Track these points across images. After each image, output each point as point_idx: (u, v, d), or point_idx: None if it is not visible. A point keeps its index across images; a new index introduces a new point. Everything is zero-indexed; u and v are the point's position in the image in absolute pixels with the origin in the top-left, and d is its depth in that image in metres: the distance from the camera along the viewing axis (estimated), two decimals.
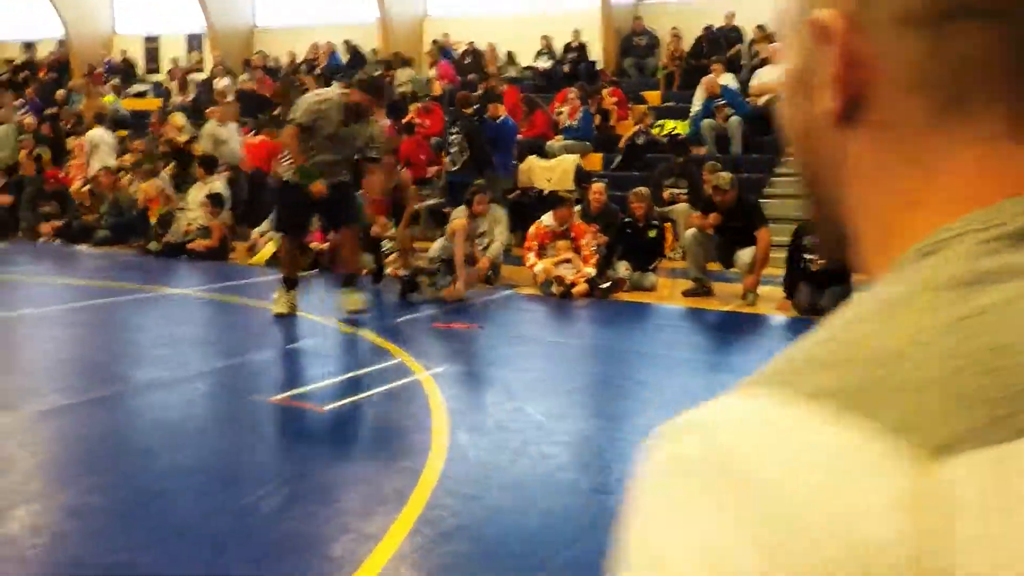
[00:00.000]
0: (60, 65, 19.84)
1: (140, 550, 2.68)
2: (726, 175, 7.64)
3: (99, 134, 12.82)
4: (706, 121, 11.34)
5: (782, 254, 7.67)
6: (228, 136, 12.03)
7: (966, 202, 0.39)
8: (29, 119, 14.85)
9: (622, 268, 7.96)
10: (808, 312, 6.69)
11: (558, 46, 15.04)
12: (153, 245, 10.12)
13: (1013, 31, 0.38)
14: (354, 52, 16.90)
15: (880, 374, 0.33)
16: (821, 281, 6.75)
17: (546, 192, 10.05)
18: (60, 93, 16.98)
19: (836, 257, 0.49)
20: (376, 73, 15.16)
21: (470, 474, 3.41)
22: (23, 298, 7.48)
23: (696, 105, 11.92)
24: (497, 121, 9.95)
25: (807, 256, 6.79)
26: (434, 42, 15.77)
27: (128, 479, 3.29)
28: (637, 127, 11.72)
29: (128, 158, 12.48)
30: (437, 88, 14.02)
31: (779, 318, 6.80)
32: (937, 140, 0.40)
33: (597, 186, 9.15)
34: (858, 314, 0.37)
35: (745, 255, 7.39)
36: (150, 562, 2.60)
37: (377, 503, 3.07)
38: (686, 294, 7.60)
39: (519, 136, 12.14)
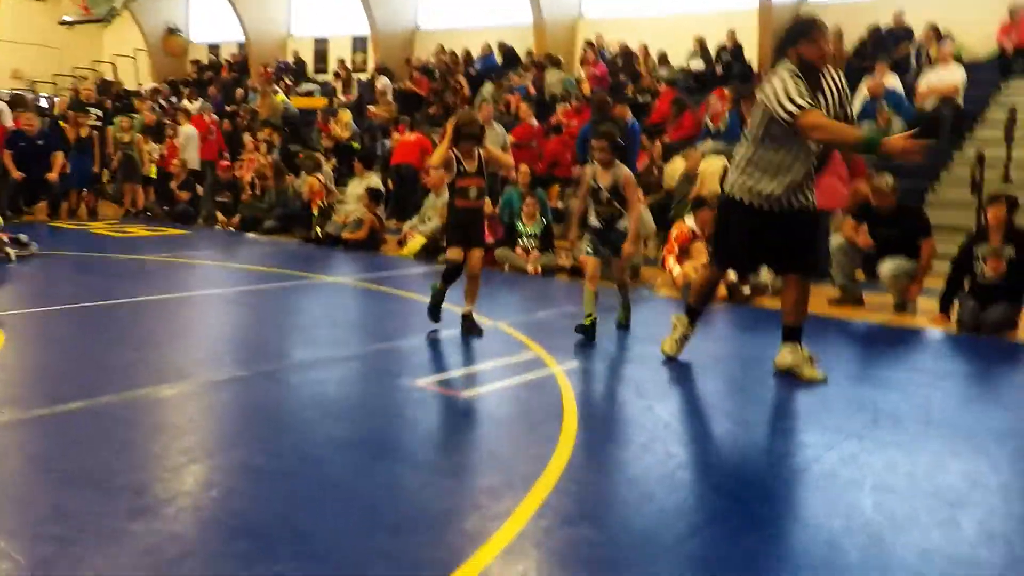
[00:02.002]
0: (240, 65, 21.44)
1: (298, 508, 3.00)
2: (888, 178, 7.38)
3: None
4: (865, 124, 10.89)
5: (941, 266, 7.33)
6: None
7: None
8: (213, 116, 16.18)
9: (764, 273, 7.84)
10: (970, 329, 6.38)
11: (713, 47, 14.84)
12: (314, 234, 10.84)
13: None
14: (508, 53, 17.29)
15: None
16: (987, 297, 6.41)
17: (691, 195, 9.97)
18: (239, 92, 18.36)
19: None
20: (527, 73, 15.47)
21: (595, 465, 3.56)
22: (201, 280, 8.26)
23: (857, 106, 11.47)
24: (627, 123, 9.95)
25: (981, 266, 6.46)
26: (587, 43, 15.91)
27: (290, 445, 3.65)
28: None
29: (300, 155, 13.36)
30: (587, 89, 14.16)
31: (934, 332, 6.52)
32: None
33: None
34: None
35: (888, 267, 7.12)
36: (306, 519, 2.91)
37: (507, 485, 3.27)
38: (833, 302, 7.40)
39: (666, 138, 12.10)
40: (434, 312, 5.85)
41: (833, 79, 4.72)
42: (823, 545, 2.82)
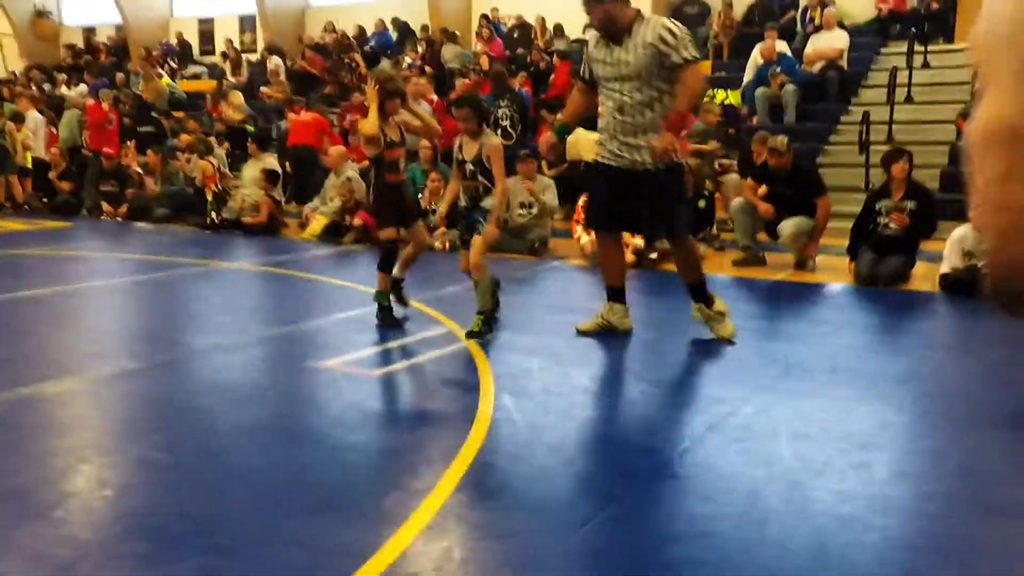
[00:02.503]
0: (119, 49, 20.34)
1: (202, 502, 2.81)
2: (782, 137, 7.54)
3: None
4: (759, 90, 11.15)
5: (836, 224, 7.56)
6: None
7: None
8: (91, 102, 15.29)
9: None
10: (866, 281, 6.59)
11: None
12: (209, 220, 10.38)
13: None
14: (403, 28, 16.96)
15: None
16: (884, 250, 6.62)
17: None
18: (120, 77, 17.42)
19: (1013, 311, 0.50)
20: (422, 50, 15.22)
21: (515, 436, 3.48)
22: (89, 271, 7.78)
23: (748, 74, 11.73)
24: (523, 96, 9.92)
25: (883, 220, 6.64)
26: (483, 16, 15.74)
27: (190, 437, 3.44)
28: None
29: (185, 138, 12.78)
30: (484, 63, 14.01)
31: (833, 286, 6.71)
32: None
33: None
34: None
35: (788, 226, 7.29)
36: (211, 512, 2.73)
37: (425, 462, 3.16)
38: (736, 263, 7.54)
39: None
40: (388, 316, 5.30)
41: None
42: (744, 495, 2.82)
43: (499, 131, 9.84)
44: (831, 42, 11.69)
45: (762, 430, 3.44)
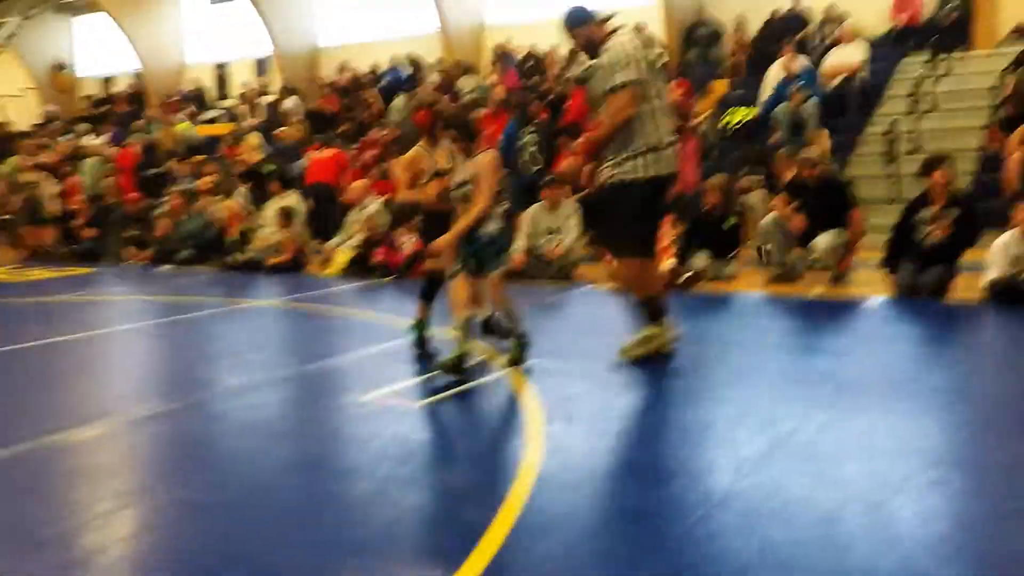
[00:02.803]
0: (137, 97, 20.59)
1: (251, 541, 2.69)
2: (816, 149, 7.43)
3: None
4: (780, 106, 11.05)
5: (865, 237, 7.39)
6: None
7: None
8: (113, 150, 15.43)
9: (701, 258, 7.79)
10: (907, 292, 6.41)
11: None
12: (233, 259, 10.35)
13: None
14: (416, 63, 17.06)
15: None
16: (926, 260, 6.43)
17: None
18: (138, 124, 17.60)
19: None
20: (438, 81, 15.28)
21: (570, 463, 3.34)
22: (115, 315, 7.73)
23: (767, 91, 11.64)
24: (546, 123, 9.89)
25: (923, 231, 6.43)
26: (496, 47, 15.82)
27: (233, 476, 3.32)
28: (699, 119, 11.56)
29: (206, 180, 12.82)
30: (500, 93, 14.03)
31: (872, 299, 6.53)
32: None
33: None
34: None
35: (823, 240, 7.14)
36: (262, 551, 2.60)
37: (477, 495, 3.03)
38: (772, 280, 7.39)
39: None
40: (423, 345, 5.10)
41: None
42: (821, 518, 2.66)
43: (529, 157, 9.74)
44: (849, 56, 11.60)
45: (829, 449, 3.28)
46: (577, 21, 4.73)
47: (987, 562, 2.40)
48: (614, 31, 4.67)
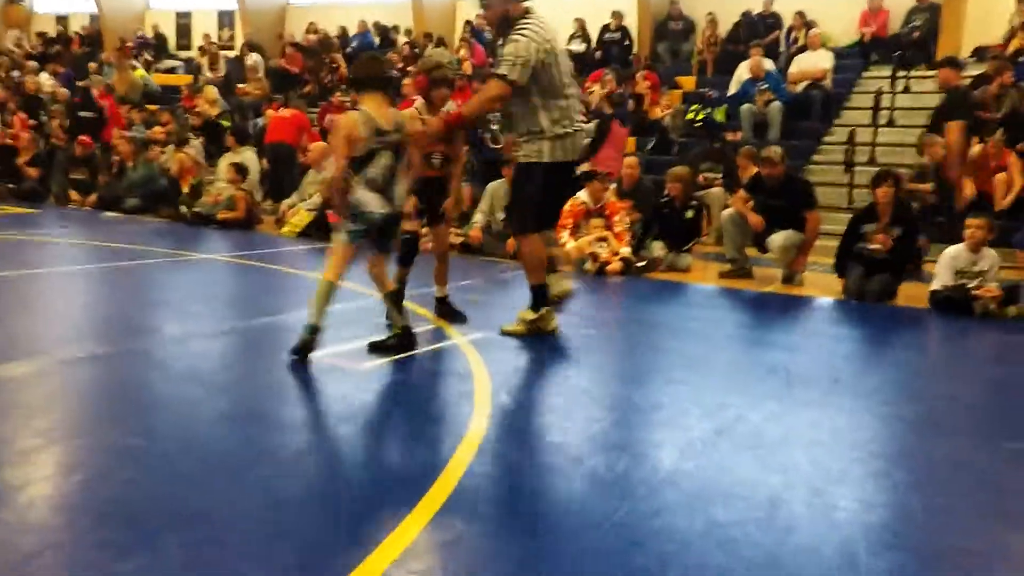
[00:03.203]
0: (92, 39, 19.88)
1: (181, 490, 2.58)
2: (777, 148, 7.49)
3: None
4: (744, 106, 11.14)
5: (820, 241, 7.48)
6: None
7: None
8: (62, 91, 14.89)
9: (657, 248, 7.82)
10: (855, 296, 6.51)
11: (592, 29, 14.85)
12: (184, 212, 10.08)
13: None
14: (384, 32, 16.80)
15: None
16: (872, 268, 6.55)
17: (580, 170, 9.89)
18: (92, 66, 17.00)
19: None
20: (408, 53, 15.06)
21: (516, 433, 3.30)
22: (55, 257, 7.45)
23: (733, 89, 11.72)
24: None
25: (867, 243, 6.55)
26: (467, 23, 15.62)
27: (168, 424, 3.21)
28: (667, 112, 11.60)
29: (158, 130, 12.46)
30: (467, 68, 13.88)
31: (821, 299, 6.62)
32: None
33: (630, 160, 8.99)
34: None
35: (778, 239, 7.21)
36: (192, 501, 2.50)
37: (425, 452, 2.97)
38: (723, 275, 7.45)
39: None
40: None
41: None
42: (765, 500, 2.67)
43: (489, 135, 9.64)
44: (816, 62, 11.73)
45: (774, 437, 3.29)
46: None
47: (924, 552, 2.43)
48: (527, 12, 4.60)
